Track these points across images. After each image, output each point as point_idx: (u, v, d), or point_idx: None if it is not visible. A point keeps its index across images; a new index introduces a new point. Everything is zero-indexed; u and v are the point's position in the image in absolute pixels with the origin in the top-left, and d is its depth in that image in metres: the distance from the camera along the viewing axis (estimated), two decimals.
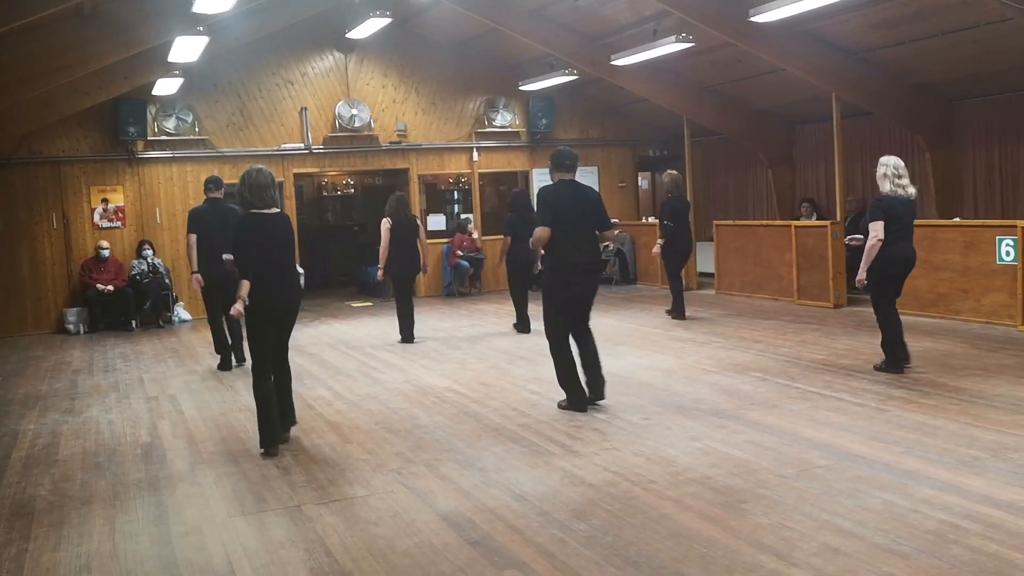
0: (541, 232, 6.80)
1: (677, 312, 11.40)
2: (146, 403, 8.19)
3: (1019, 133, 11.21)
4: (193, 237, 9.52)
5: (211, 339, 9.85)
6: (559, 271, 6.98)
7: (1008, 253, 9.66)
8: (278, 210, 6.51)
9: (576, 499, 4.99)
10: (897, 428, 6.06)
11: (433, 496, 5.17)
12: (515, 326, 11.18)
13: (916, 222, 11.55)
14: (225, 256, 8.94)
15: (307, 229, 17.18)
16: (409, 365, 9.34)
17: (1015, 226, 9.66)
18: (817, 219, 13.32)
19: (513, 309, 11.31)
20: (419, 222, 10.89)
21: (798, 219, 13.54)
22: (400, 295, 10.82)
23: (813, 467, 5.34)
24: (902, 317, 10.45)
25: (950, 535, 4.23)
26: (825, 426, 6.21)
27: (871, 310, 11.38)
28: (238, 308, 6.12)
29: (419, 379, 8.59)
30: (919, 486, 4.91)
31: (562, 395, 7.11)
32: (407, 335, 10.69)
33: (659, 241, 11.44)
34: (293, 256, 6.58)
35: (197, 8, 8.38)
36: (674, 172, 11.68)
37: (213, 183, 9.73)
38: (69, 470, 6.11)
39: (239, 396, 8.25)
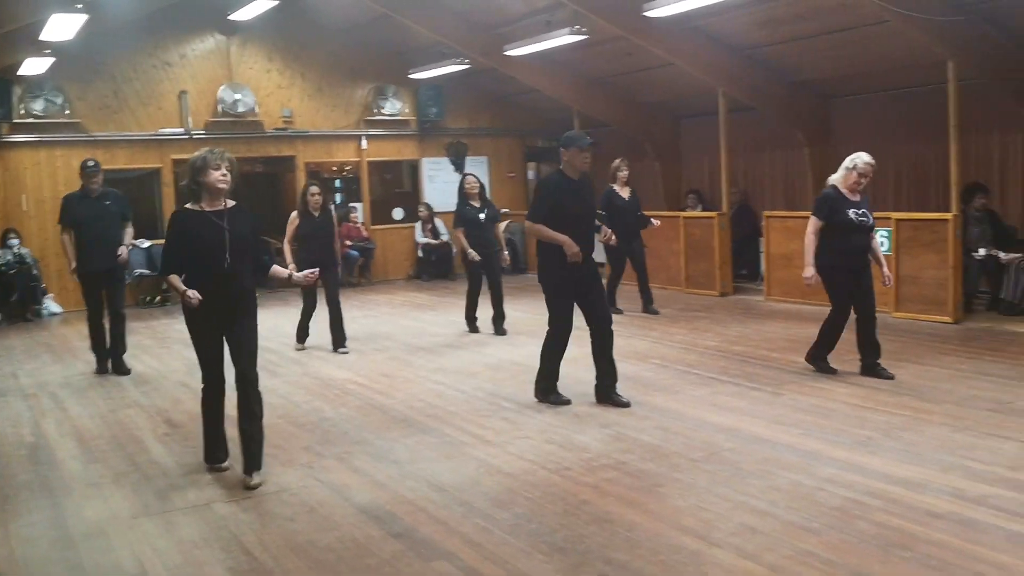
0: None
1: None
2: (24, 401, 7.72)
3: (892, 130, 11.80)
4: (67, 233, 8.69)
5: (88, 335, 9.18)
6: None
7: (882, 244, 10.14)
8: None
9: (495, 488, 4.99)
10: (794, 411, 6.31)
11: (349, 490, 5.07)
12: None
13: (794, 214, 12.06)
14: (120, 252, 8.46)
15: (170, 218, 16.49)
16: (306, 358, 9.13)
17: (889, 218, 10.19)
18: (703, 210, 13.71)
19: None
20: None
21: (684, 210, 13.91)
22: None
23: (721, 450, 5.50)
24: (785, 306, 10.91)
25: (855, 511, 4.43)
26: (727, 411, 6.40)
27: (755, 299, 11.90)
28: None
29: (318, 371, 8.41)
30: (821, 466, 5.12)
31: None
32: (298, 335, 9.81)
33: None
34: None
35: None
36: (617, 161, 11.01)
37: (88, 168, 9.02)
38: None
39: (126, 392, 7.89)
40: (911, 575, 3.72)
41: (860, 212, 7.18)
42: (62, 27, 9.68)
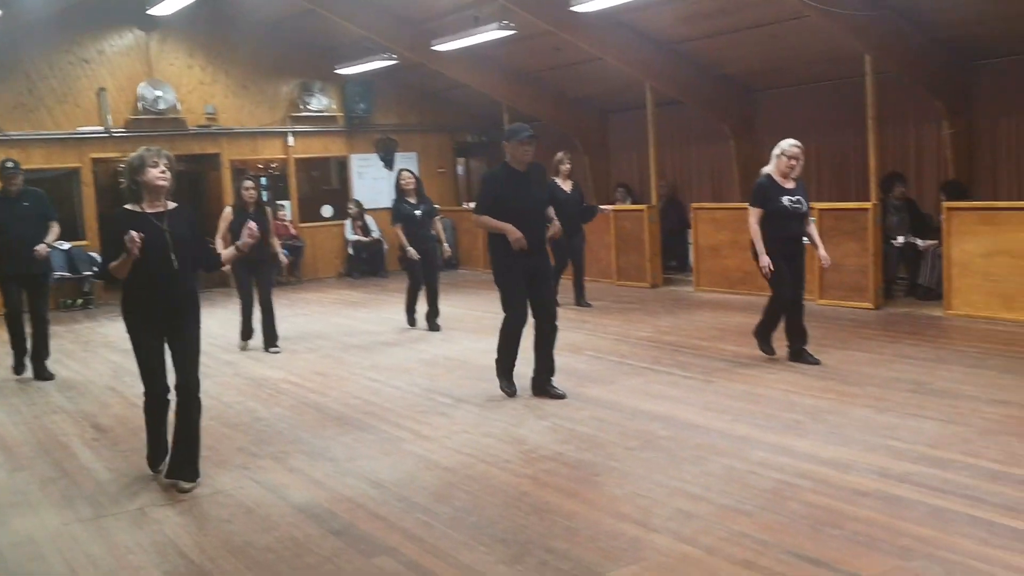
0: None
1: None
2: None
3: (813, 123, 12.10)
4: None
5: (8, 335, 8.82)
6: None
7: None
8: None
9: (434, 482, 4.99)
10: (725, 398, 6.45)
11: (286, 489, 5.02)
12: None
13: (721, 205, 12.32)
14: (37, 247, 8.18)
15: (105, 218, 16.08)
16: (237, 358, 8.99)
17: (812, 208, 10.45)
18: (632, 203, 13.88)
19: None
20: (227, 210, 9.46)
21: (614, 203, 14.06)
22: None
23: (656, 438, 5.59)
24: (714, 296, 11.18)
25: (786, 492, 4.56)
26: (661, 399, 6.51)
27: (685, 290, 12.11)
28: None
29: (250, 372, 8.29)
30: (753, 450, 5.25)
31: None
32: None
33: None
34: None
35: None
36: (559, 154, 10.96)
37: (7, 169, 8.71)
38: None
39: (51, 397, 7.67)
40: (841, 551, 3.84)
41: (794, 199, 7.34)
42: None
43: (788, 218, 7.30)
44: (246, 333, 9.45)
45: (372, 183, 16.34)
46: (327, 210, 16.43)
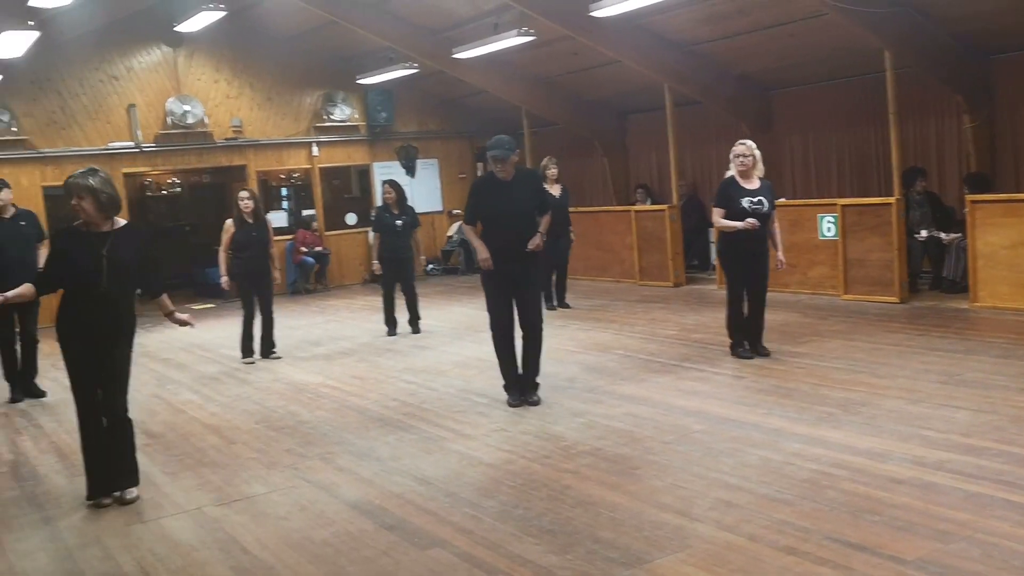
0: None
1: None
2: None
3: (832, 119, 12.22)
4: None
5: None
6: None
7: (829, 229, 10.57)
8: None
9: (479, 478, 5.16)
10: (756, 392, 6.58)
11: (337, 487, 5.20)
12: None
13: None
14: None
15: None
16: (274, 364, 9.19)
17: (835, 204, 10.59)
18: (651, 203, 14.01)
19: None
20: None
21: (634, 204, 14.20)
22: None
23: (691, 432, 5.73)
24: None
25: (823, 481, 4.69)
26: (692, 395, 6.65)
27: (708, 288, 12.23)
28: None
29: (289, 377, 8.49)
30: (787, 442, 5.38)
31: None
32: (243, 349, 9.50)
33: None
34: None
35: (34, 1, 7.84)
36: (544, 160, 11.23)
37: None
38: None
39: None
40: (881, 536, 3.97)
41: (755, 200, 7.53)
42: (12, 44, 9.59)
43: (748, 218, 7.46)
44: (247, 350, 9.40)
45: None
46: (351, 218, 16.65)
